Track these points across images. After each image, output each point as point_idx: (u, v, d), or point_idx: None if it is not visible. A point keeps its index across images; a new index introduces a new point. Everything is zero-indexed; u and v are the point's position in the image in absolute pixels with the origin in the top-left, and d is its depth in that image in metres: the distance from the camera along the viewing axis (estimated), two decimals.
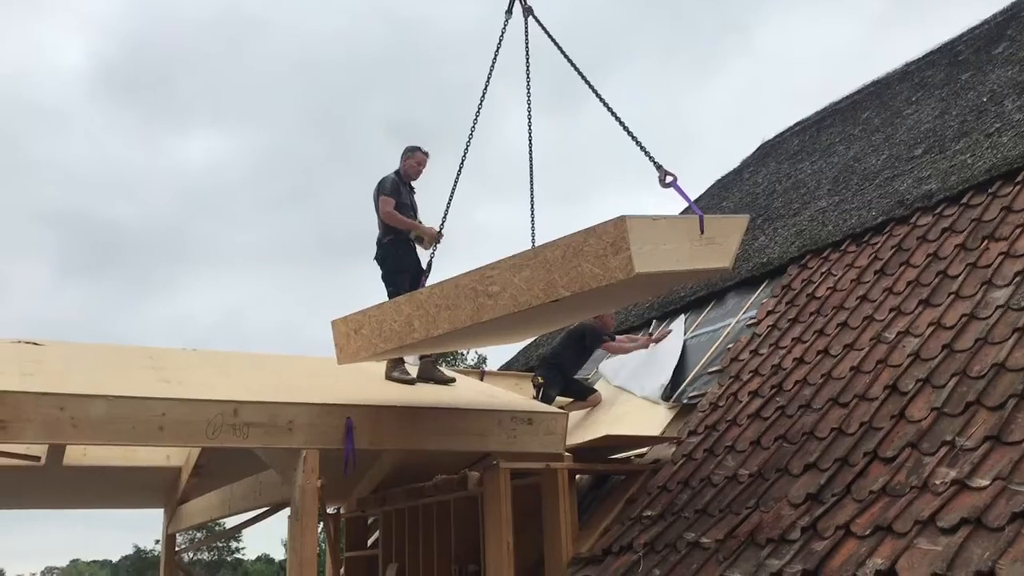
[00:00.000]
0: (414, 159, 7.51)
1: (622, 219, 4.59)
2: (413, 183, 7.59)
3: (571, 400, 9.16)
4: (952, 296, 6.37)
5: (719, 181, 14.21)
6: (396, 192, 7.33)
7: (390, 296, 7.12)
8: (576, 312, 6.44)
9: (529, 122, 7.09)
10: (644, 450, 7.64)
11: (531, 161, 7.15)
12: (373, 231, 7.44)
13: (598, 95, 6.22)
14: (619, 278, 4.58)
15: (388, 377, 7.31)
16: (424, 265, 7.17)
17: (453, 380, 7.63)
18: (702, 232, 5.16)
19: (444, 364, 10.48)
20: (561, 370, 9.05)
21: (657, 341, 9.31)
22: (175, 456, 9.14)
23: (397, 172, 7.46)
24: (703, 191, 14.10)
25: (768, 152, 13.80)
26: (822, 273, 8.21)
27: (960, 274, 6.56)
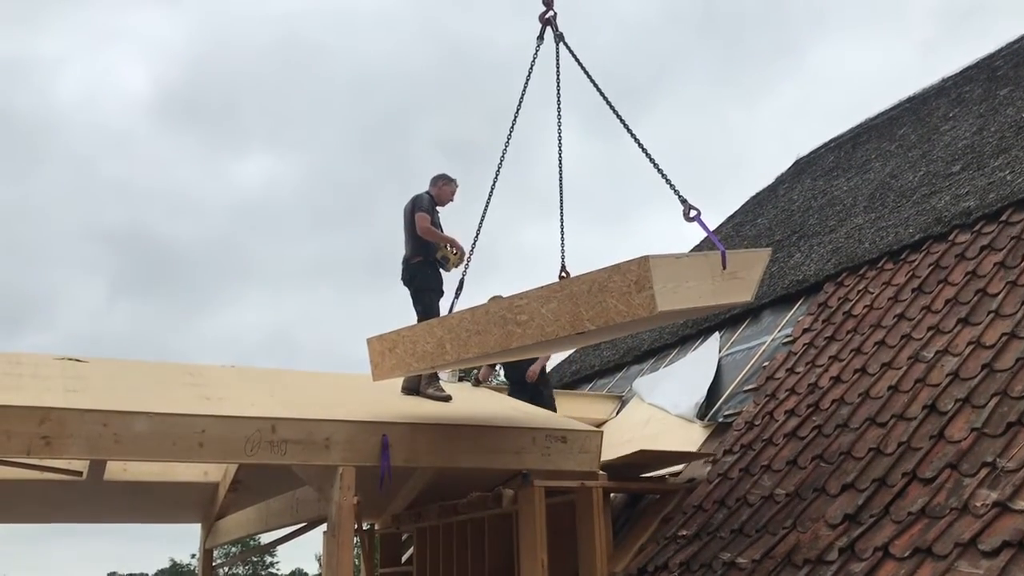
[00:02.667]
0: (450, 188, 7.63)
1: (645, 259, 4.71)
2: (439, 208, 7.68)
3: None
4: (992, 315, 6.30)
5: (753, 198, 14.15)
6: (432, 211, 7.42)
7: (420, 316, 7.17)
8: (603, 336, 6.50)
9: (560, 146, 7.16)
10: (679, 468, 7.62)
11: (561, 185, 7.20)
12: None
13: (626, 125, 6.33)
14: (641, 315, 4.70)
15: (422, 394, 7.35)
16: (450, 287, 7.24)
17: (449, 398, 7.52)
18: (724, 267, 5.29)
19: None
20: (522, 386, 8.72)
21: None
22: (213, 472, 9.24)
23: (428, 194, 7.54)
24: (736, 208, 14.07)
25: (803, 168, 13.73)
26: (859, 291, 8.15)
27: (1000, 292, 6.49)
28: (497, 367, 9.53)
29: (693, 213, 5.84)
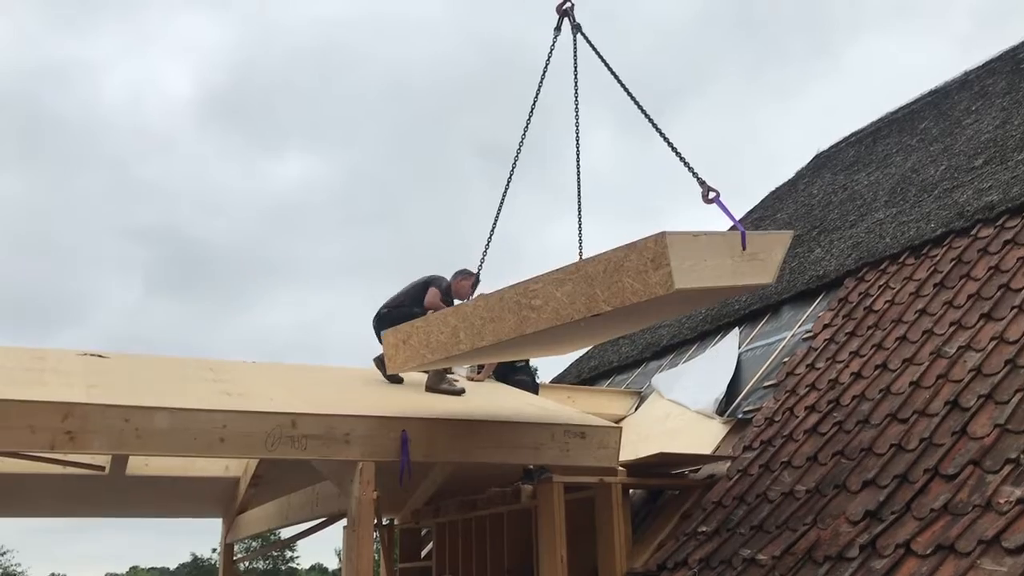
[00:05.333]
0: (468, 283, 7.63)
1: (662, 235, 4.61)
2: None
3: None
4: (1015, 310, 6.24)
5: (773, 192, 14.07)
6: (447, 296, 7.48)
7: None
8: (620, 325, 6.42)
9: (577, 136, 7.12)
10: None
11: (578, 177, 7.15)
12: (452, 246, 7.62)
13: (642, 109, 6.27)
14: (659, 293, 4.60)
15: (436, 389, 7.30)
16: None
17: (462, 391, 7.57)
18: (744, 248, 5.16)
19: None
20: (503, 376, 8.70)
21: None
22: (234, 467, 9.31)
23: (448, 283, 7.61)
24: (756, 203, 13.99)
25: (823, 163, 13.64)
26: (880, 286, 8.09)
27: None
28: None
29: (712, 195, 5.77)
